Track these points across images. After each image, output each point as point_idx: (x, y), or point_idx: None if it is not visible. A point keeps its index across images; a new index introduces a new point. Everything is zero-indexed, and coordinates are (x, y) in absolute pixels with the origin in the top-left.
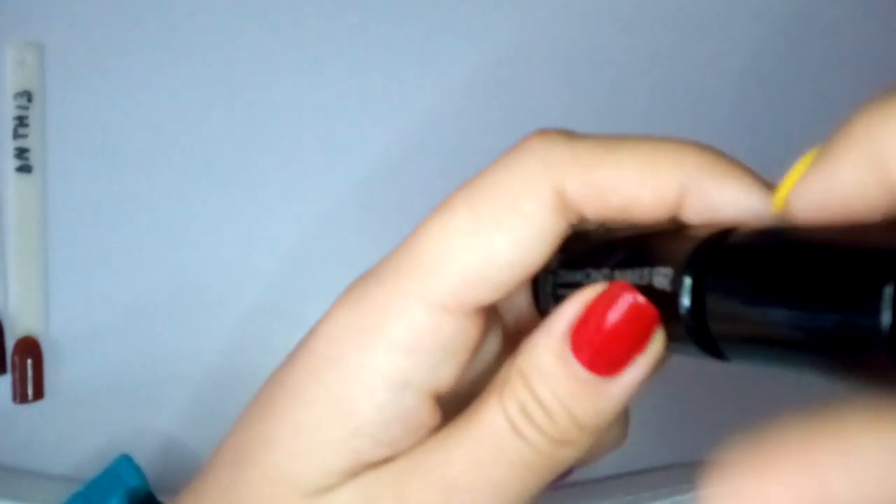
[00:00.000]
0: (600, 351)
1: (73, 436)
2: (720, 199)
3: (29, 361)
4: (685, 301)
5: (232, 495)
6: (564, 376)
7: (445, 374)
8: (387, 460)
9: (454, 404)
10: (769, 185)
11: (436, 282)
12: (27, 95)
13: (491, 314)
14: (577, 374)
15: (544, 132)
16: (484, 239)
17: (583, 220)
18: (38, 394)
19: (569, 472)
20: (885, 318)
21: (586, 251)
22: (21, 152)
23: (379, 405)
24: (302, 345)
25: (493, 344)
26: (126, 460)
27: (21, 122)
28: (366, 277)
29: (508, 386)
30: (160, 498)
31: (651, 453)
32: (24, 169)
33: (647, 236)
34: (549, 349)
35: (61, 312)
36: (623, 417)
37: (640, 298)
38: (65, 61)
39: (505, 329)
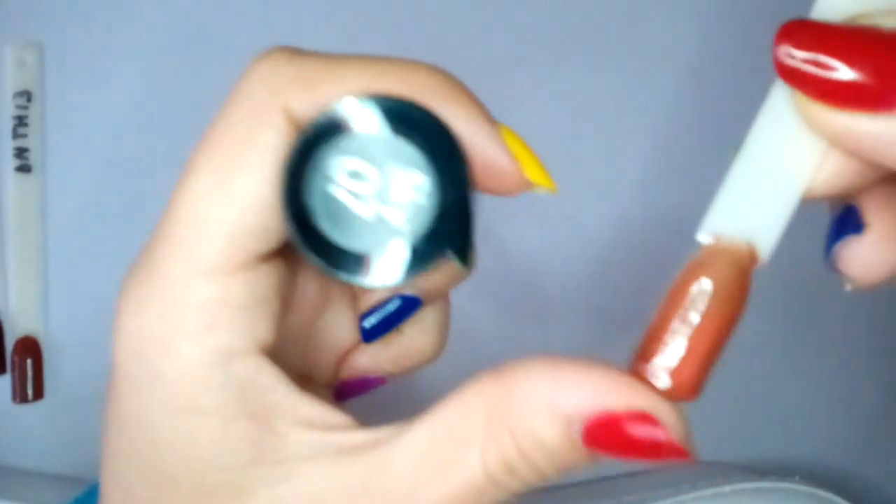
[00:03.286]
0: (614, 447)
1: (72, 436)
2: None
3: (29, 361)
4: None
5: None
6: (570, 452)
7: (264, 328)
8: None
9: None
10: (491, 120)
11: (204, 253)
12: (27, 95)
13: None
14: (582, 450)
15: (267, 54)
16: (232, 190)
17: None
18: (38, 394)
19: (379, 381)
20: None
21: None
22: (21, 152)
23: (215, 386)
24: (113, 363)
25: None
26: None
27: (21, 121)
28: (139, 270)
29: (493, 443)
30: None
31: None
32: (24, 168)
33: None
34: (555, 428)
35: (61, 312)
36: (439, 326)
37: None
38: (65, 61)
39: None
